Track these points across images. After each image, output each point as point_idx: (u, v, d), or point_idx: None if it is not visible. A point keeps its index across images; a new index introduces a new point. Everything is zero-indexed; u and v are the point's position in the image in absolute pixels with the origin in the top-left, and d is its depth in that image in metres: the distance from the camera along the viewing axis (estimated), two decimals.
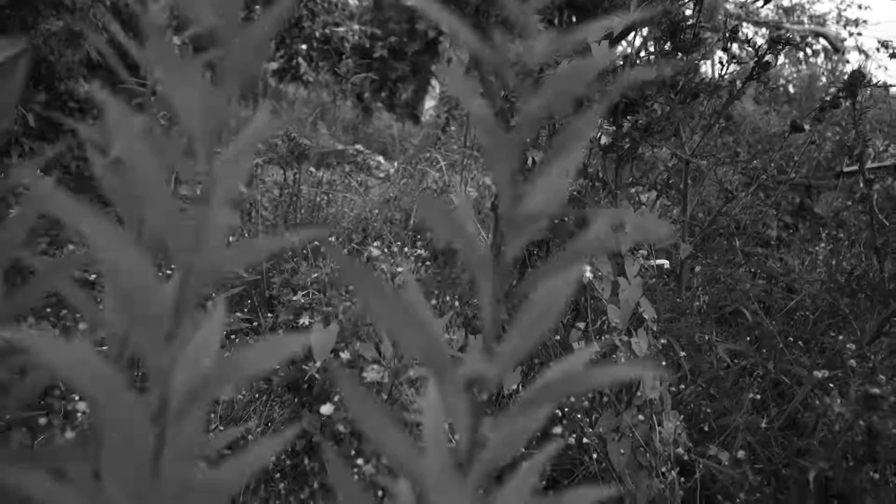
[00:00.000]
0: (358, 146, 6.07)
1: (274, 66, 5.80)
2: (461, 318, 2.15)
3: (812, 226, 4.28)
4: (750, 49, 1.63)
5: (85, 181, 4.96)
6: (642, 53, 1.63)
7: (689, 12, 1.86)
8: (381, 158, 9.06)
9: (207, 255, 0.35)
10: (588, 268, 1.56)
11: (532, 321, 0.40)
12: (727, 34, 1.68)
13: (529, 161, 1.82)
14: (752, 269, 2.55)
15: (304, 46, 5.06)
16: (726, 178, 2.08)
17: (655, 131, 1.49)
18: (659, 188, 1.71)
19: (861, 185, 1.55)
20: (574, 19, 2.02)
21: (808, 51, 8.05)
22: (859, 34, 7.66)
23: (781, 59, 8.82)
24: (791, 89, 7.82)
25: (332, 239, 3.31)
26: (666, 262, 1.70)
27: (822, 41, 7.55)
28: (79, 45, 5.75)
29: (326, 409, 1.09)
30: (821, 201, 4.47)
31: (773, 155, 3.05)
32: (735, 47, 1.81)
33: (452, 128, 4.89)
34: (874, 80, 6.18)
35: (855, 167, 4.30)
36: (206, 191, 0.35)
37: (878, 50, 8.32)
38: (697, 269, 1.93)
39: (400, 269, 2.00)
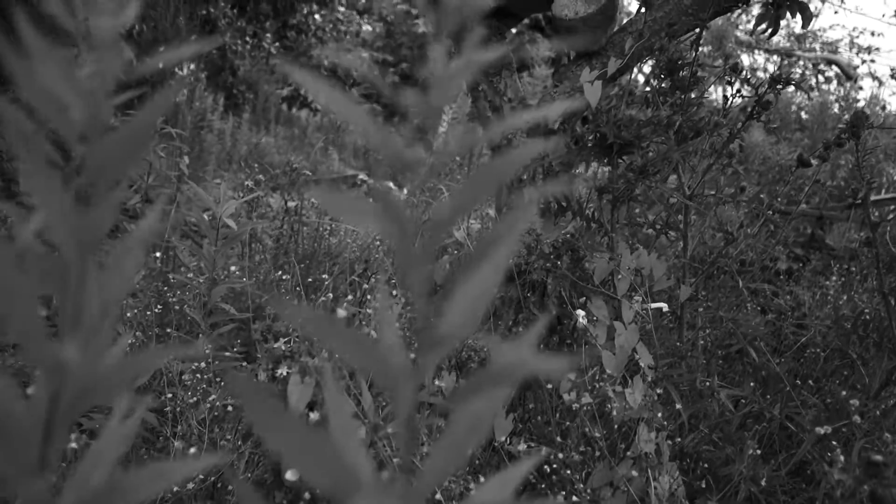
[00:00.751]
0: (361, 176, 6.06)
1: (284, 92, 5.82)
2: (461, 352, 2.10)
3: (824, 257, 4.21)
4: (749, 88, 1.59)
5: None
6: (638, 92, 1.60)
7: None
8: (390, 184, 9.11)
9: (79, 378, 0.32)
10: (581, 313, 1.51)
11: (455, 443, 0.36)
12: (727, 70, 1.64)
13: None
14: (759, 307, 2.48)
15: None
16: (729, 217, 2.04)
17: (651, 173, 1.45)
18: (658, 228, 1.67)
19: (867, 227, 1.50)
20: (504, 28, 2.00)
21: (821, 77, 7.99)
22: (872, 61, 7.59)
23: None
24: (804, 115, 7.75)
25: (336, 268, 3.28)
26: (664, 306, 1.65)
27: (835, 68, 7.50)
28: None
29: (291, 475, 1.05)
30: (833, 232, 4.40)
31: (782, 186, 2.99)
32: (737, 82, 1.77)
33: (457, 157, 4.87)
34: (883, 112, 6.09)
35: (878, 197, 4.23)
36: (77, 307, 0.32)
37: (892, 76, 8.25)
38: (700, 309, 1.88)
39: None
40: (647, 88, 1.59)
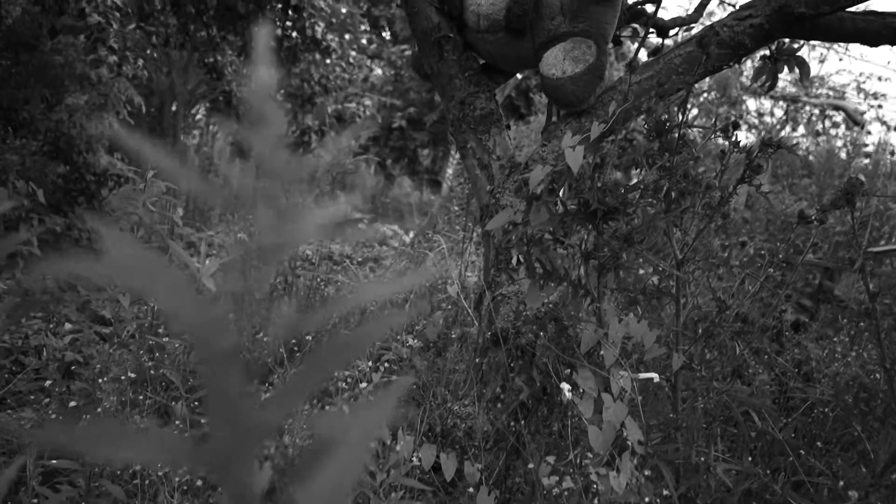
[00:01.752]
0: (361, 226, 6.06)
1: (289, 140, 5.85)
2: (447, 419, 2.02)
3: (833, 308, 4.10)
4: (740, 152, 1.53)
5: (93, 253, 4.96)
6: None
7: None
8: (396, 227, 9.08)
9: None
10: (567, 386, 1.44)
11: None
12: (718, 131, 1.59)
13: None
14: (761, 369, 2.39)
15: (315, 122, 5.10)
16: (720, 286, 1.97)
17: (637, 241, 1.39)
18: (648, 294, 1.60)
19: (866, 296, 1.43)
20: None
21: (828, 122, 7.96)
22: (880, 106, 7.56)
23: (801, 129, 8.74)
24: (811, 158, 7.70)
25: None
26: (655, 376, 1.58)
27: (842, 113, 7.46)
28: (101, 118, 5.86)
29: None
30: (842, 282, 4.30)
31: (788, 235, 2.91)
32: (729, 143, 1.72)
33: (455, 208, 4.85)
34: (892, 157, 6.01)
35: (878, 248, 4.15)
36: None
37: None
38: (696, 380, 1.80)
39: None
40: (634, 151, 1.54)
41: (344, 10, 13.94)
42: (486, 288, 1.81)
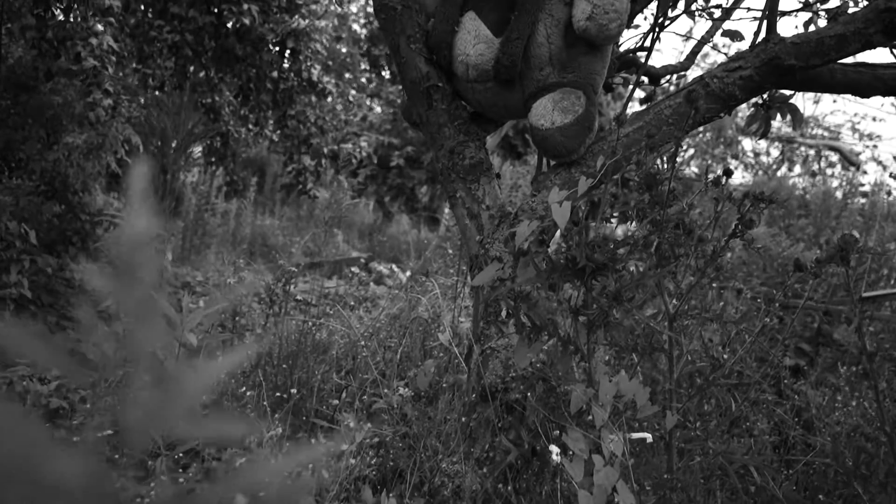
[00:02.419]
0: (359, 265, 6.07)
1: (285, 180, 5.85)
2: (434, 477, 1.96)
3: (833, 353, 4.05)
4: (731, 205, 1.51)
5: (85, 295, 4.92)
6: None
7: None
8: (393, 266, 9.04)
9: None
10: (556, 449, 1.39)
11: None
12: (708, 184, 1.56)
13: None
14: (761, 416, 2.33)
15: (311, 162, 5.10)
16: (716, 338, 1.92)
17: (627, 299, 1.36)
18: (639, 351, 1.56)
19: (863, 356, 1.38)
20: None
21: (823, 162, 7.99)
22: (875, 146, 7.60)
23: (797, 169, 8.77)
24: (808, 196, 7.70)
25: (323, 365, 3.17)
26: (648, 437, 1.52)
27: (838, 153, 7.49)
28: (99, 158, 5.87)
29: None
30: (840, 326, 4.25)
31: (785, 279, 2.88)
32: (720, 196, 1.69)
33: (450, 251, 4.82)
34: (889, 198, 6.00)
35: (876, 292, 4.11)
36: None
37: (895, 159, 8.24)
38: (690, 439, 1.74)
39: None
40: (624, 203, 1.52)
41: (344, 50, 14.11)
42: (475, 341, 1.77)
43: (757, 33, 1.95)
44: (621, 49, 2.41)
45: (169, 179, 8.83)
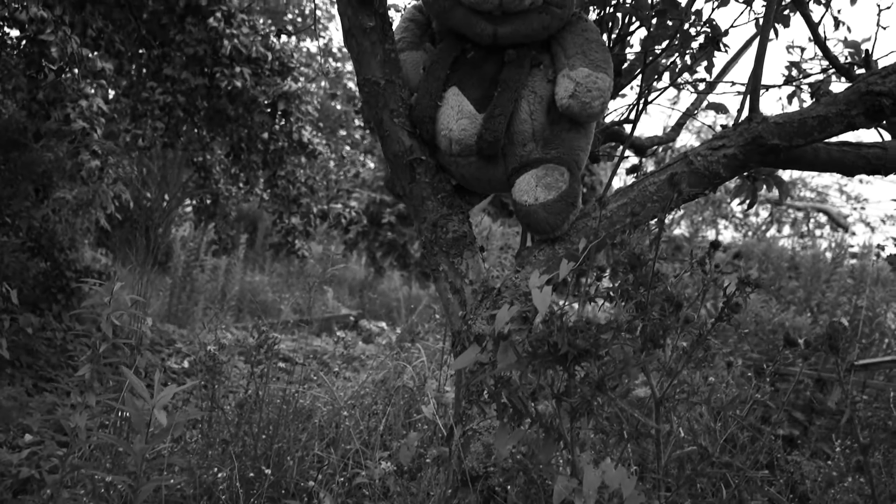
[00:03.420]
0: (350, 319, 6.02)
1: (274, 239, 5.83)
2: None
3: (828, 421, 3.97)
4: (716, 287, 1.47)
5: (67, 356, 4.82)
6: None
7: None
8: (383, 324, 8.95)
9: None
10: None
11: None
12: (693, 264, 1.53)
13: None
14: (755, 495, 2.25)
15: (300, 222, 5.08)
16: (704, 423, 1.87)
17: (610, 388, 1.31)
18: (625, 437, 1.50)
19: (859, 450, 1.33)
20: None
21: (812, 222, 8.05)
22: (863, 208, 7.68)
23: (787, 230, 8.82)
24: (797, 259, 7.72)
25: (304, 434, 3.07)
26: None
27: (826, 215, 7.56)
28: (89, 214, 5.83)
29: None
30: (834, 394, 4.19)
31: (777, 347, 2.84)
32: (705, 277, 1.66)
33: (438, 316, 4.77)
34: (877, 259, 5.98)
35: (867, 361, 4.06)
36: None
37: (883, 222, 8.31)
38: None
39: None
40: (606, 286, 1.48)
41: (339, 107, 14.28)
42: (455, 423, 1.70)
43: (740, 111, 1.96)
44: (607, 121, 2.42)
45: (160, 234, 8.80)
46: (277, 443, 2.92)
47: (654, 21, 1.94)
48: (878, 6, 2.21)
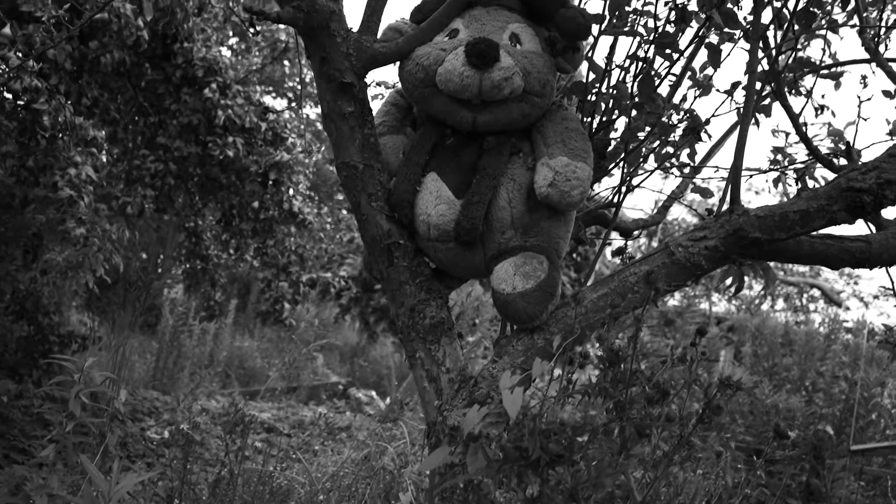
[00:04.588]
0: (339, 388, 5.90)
1: (263, 307, 5.77)
2: None
3: None
4: (699, 388, 1.42)
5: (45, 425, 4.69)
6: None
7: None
8: (373, 394, 8.78)
9: None
10: None
11: None
12: (674, 359, 1.48)
13: None
14: None
15: (289, 290, 5.03)
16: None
17: (584, 498, 1.24)
18: None
19: None
20: None
21: (805, 297, 8.02)
22: (856, 283, 7.66)
23: (780, 304, 8.77)
24: (791, 336, 7.64)
25: None
26: None
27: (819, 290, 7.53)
28: (77, 277, 5.77)
29: None
30: (830, 477, 4.06)
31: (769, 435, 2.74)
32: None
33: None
34: (873, 337, 5.93)
35: (864, 446, 3.96)
36: None
37: (876, 297, 8.28)
38: None
39: None
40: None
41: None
42: None
43: (722, 200, 1.94)
44: (592, 205, 2.40)
45: (151, 296, 8.72)
46: None
47: (633, 112, 1.95)
48: (859, 98, 2.23)
